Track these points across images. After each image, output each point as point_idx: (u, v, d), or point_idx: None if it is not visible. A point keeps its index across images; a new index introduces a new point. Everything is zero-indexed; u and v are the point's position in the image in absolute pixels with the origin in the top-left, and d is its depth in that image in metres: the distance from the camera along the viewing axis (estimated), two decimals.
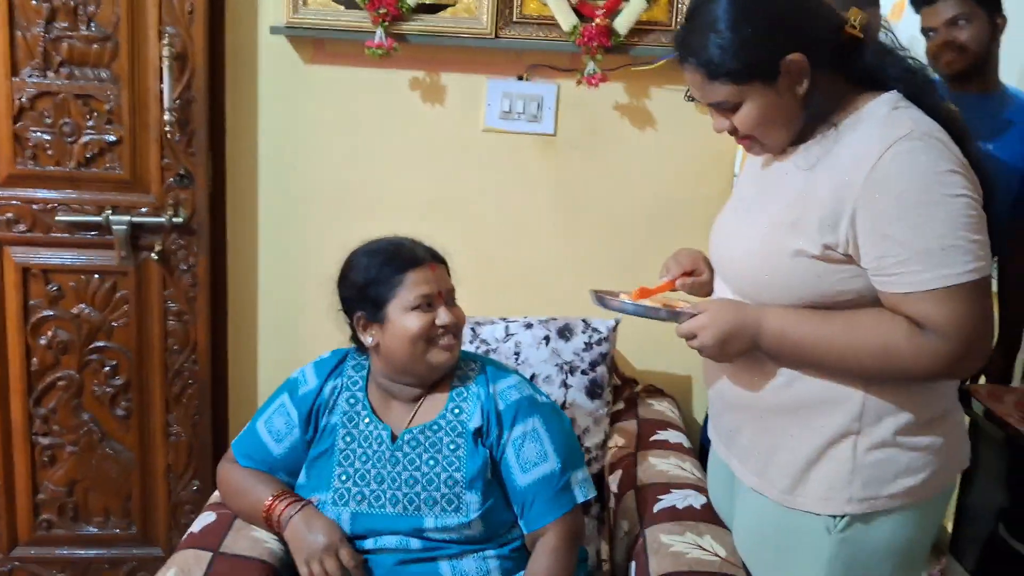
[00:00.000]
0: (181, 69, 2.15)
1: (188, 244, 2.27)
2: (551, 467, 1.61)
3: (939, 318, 1.28)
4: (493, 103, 2.30)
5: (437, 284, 1.62)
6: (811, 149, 1.40)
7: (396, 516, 1.60)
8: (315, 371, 1.74)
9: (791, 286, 1.39)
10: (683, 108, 2.29)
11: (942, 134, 1.31)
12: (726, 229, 1.57)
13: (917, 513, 1.44)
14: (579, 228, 2.37)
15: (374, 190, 2.35)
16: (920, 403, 1.40)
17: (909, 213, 1.27)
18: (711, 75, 1.35)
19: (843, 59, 1.38)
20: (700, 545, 1.62)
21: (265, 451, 1.69)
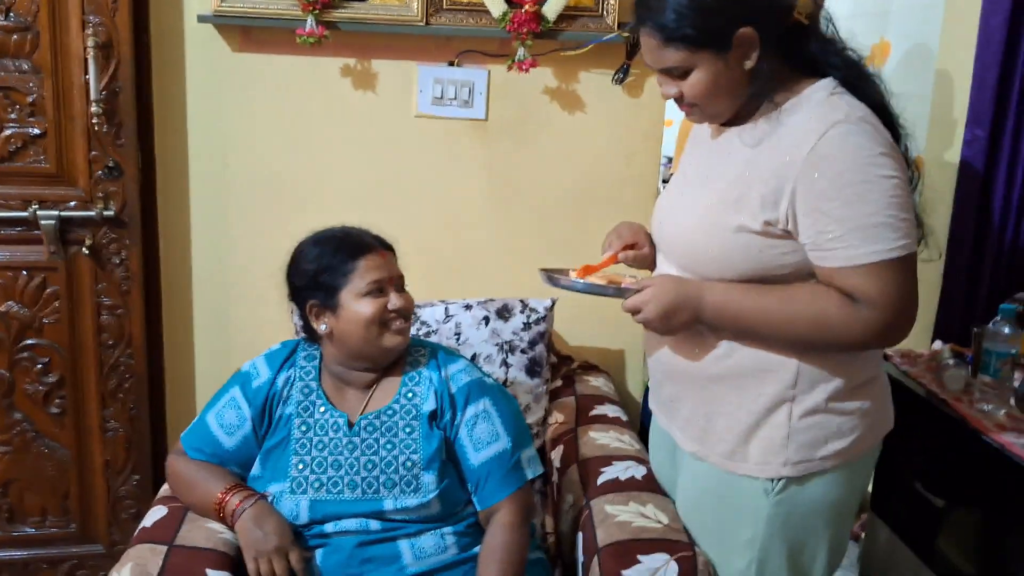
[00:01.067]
0: (106, 59, 2.11)
1: (119, 237, 2.23)
2: (503, 446, 1.67)
3: (870, 290, 1.37)
4: (425, 89, 2.32)
5: (388, 270, 1.66)
6: (755, 127, 1.47)
7: (355, 500, 1.63)
8: (267, 363, 1.75)
9: (733, 260, 1.46)
10: (612, 91, 2.35)
11: (875, 119, 1.40)
12: (670, 206, 1.63)
13: (847, 473, 1.54)
14: (513, 210, 2.42)
15: (307, 178, 2.36)
16: (849, 370, 1.49)
17: (845, 192, 1.35)
18: (667, 39, 1.40)
19: (789, 43, 1.44)
20: (643, 513, 1.69)
21: (216, 444, 1.70)
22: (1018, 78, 2.26)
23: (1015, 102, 2.27)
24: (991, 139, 2.32)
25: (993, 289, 2.37)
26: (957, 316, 2.41)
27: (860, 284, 1.37)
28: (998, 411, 1.95)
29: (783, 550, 1.55)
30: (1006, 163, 2.31)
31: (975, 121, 2.34)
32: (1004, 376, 1.97)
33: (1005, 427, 1.88)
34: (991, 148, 2.32)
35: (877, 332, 1.40)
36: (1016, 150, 2.30)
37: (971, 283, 2.40)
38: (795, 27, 1.44)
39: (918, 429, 2.14)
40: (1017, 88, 2.26)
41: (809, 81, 1.45)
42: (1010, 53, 2.25)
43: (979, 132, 2.33)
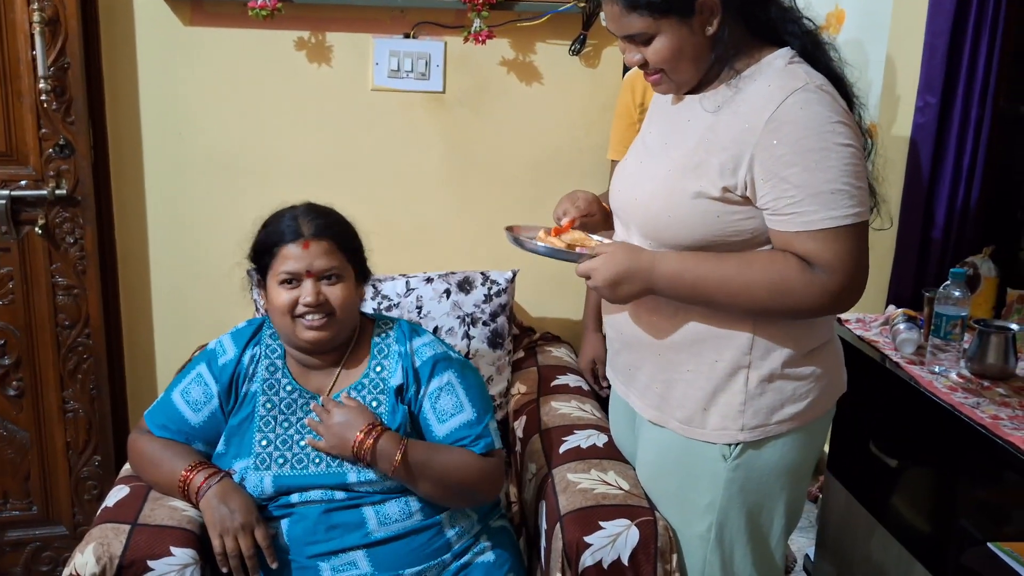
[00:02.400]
0: (53, 35, 2.07)
1: (73, 216, 2.20)
2: (467, 416, 1.69)
3: (827, 255, 1.40)
4: (381, 62, 2.30)
5: (306, 262, 1.62)
6: (715, 93, 1.49)
7: (319, 474, 1.64)
8: (233, 341, 1.75)
9: (691, 225, 1.47)
10: (568, 62, 2.35)
11: (831, 88, 1.43)
12: (629, 174, 1.64)
13: (802, 435, 1.57)
14: (472, 182, 2.42)
15: (264, 154, 2.34)
16: (803, 336, 1.52)
17: (804, 158, 1.38)
18: (630, 5, 1.41)
19: (749, 10, 1.46)
20: (605, 480, 1.71)
21: (182, 420, 1.70)
22: (968, 45, 2.29)
23: (965, 69, 2.31)
24: (942, 106, 2.36)
25: (944, 254, 2.42)
26: (910, 280, 2.46)
27: (817, 249, 1.40)
28: (950, 372, 2.01)
29: (742, 513, 1.59)
30: (957, 129, 2.35)
31: (927, 88, 2.38)
32: (954, 338, 2.02)
33: (956, 388, 1.93)
34: (942, 115, 2.36)
35: (833, 296, 1.43)
36: (967, 117, 2.34)
37: (923, 248, 2.45)
38: None
39: (873, 392, 2.19)
40: (967, 55, 2.30)
41: (769, 49, 1.48)
42: (960, 20, 2.29)
43: (930, 99, 2.37)
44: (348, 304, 1.66)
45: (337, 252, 1.66)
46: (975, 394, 1.90)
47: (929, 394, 1.92)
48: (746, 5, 1.46)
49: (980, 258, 2.32)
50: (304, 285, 1.62)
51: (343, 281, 1.66)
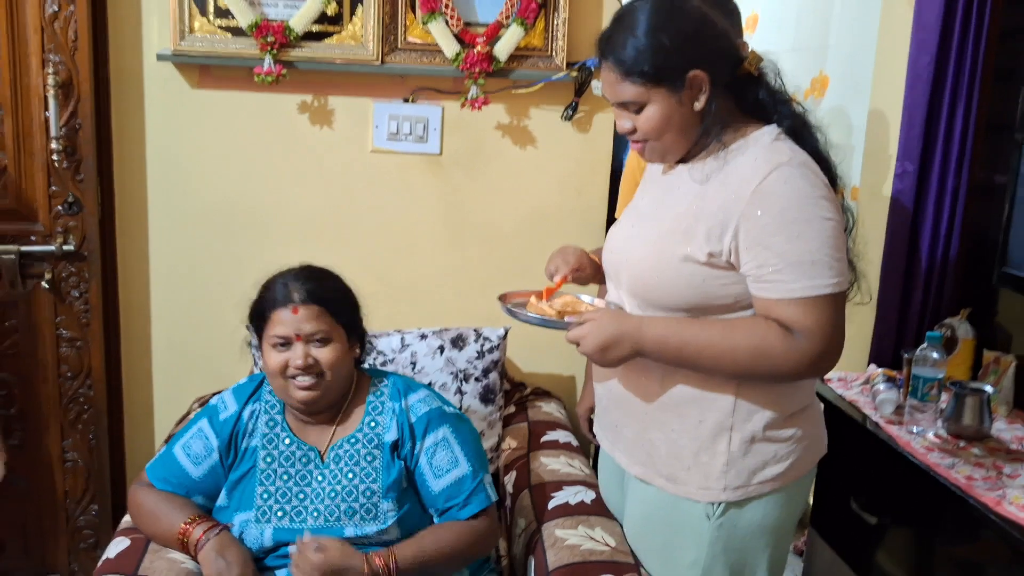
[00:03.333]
0: (66, 97, 2.17)
1: (79, 271, 2.28)
2: (463, 471, 1.74)
3: (807, 321, 1.47)
4: (381, 125, 2.39)
5: (295, 326, 1.68)
6: (704, 165, 1.56)
7: (317, 528, 1.69)
8: (234, 396, 1.81)
9: (678, 288, 1.54)
10: (560, 127, 2.45)
11: (813, 164, 1.51)
12: (622, 237, 1.71)
13: (783, 496, 1.62)
14: (466, 241, 2.50)
15: (265, 212, 2.42)
16: (784, 400, 1.59)
17: (786, 228, 1.45)
18: (625, 73, 1.50)
19: (739, 89, 1.55)
20: (592, 537, 1.76)
21: (183, 474, 1.75)
22: (944, 116, 2.39)
23: (942, 139, 2.40)
24: (920, 173, 2.44)
25: (924, 315, 2.49)
26: (891, 341, 2.52)
27: (797, 315, 1.47)
28: (927, 432, 2.06)
29: (725, 570, 1.63)
30: (934, 196, 2.43)
31: (905, 155, 2.47)
32: (931, 399, 2.08)
33: (932, 448, 1.99)
34: (920, 181, 2.45)
35: (812, 361, 1.49)
36: (943, 184, 2.42)
37: (903, 309, 2.52)
38: (746, 76, 1.55)
39: (853, 450, 2.25)
40: (944, 125, 2.39)
41: (756, 125, 1.56)
42: (937, 92, 2.38)
43: (909, 166, 2.46)
44: (337, 365, 1.71)
45: (326, 316, 1.71)
46: (951, 454, 1.96)
47: (907, 454, 1.97)
48: (735, 84, 1.54)
49: (958, 320, 2.39)
50: (295, 348, 1.68)
51: (332, 343, 1.70)
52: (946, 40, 2.35)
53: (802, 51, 3.36)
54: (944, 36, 2.35)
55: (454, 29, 2.29)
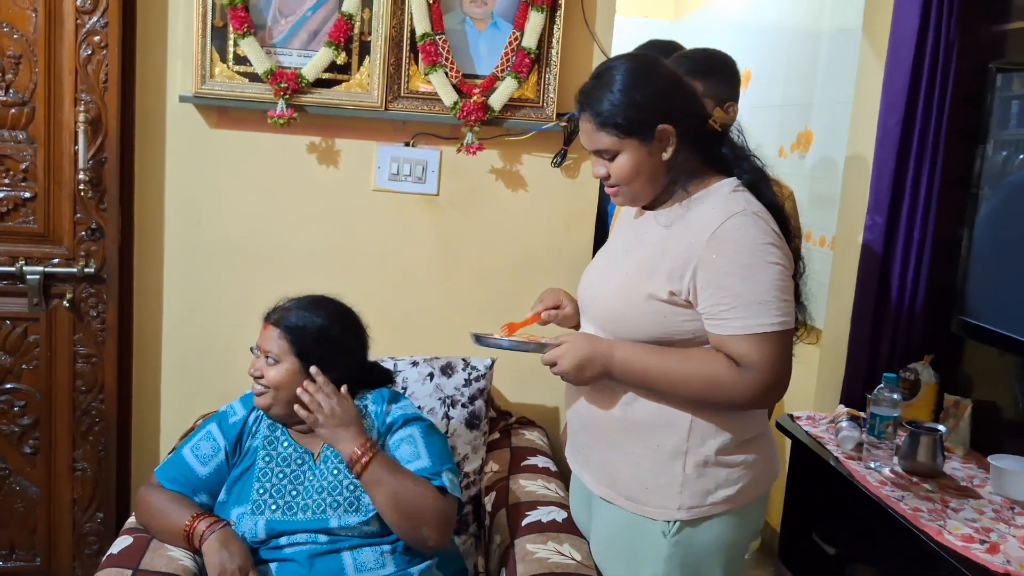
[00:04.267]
0: (95, 132, 2.35)
1: (98, 292, 2.44)
2: (423, 463, 1.88)
3: (753, 356, 1.61)
4: (383, 166, 2.57)
5: (260, 341, 1.92)
6: (669, 211, 1.73)
7: (306, 520, 1.85)
8: (242, 403, 2.00)
9: (642, 323, 1.69)
10: (550, 173, 2.61)
11: (766, 214, 1.67)
12: (595, 274, 1.87)
13: (736, 517, 1.74)
14: (458, 276, 2.65)
15: (272, 244, 2.58)
16: (737, 426, 1.72)
17: (738, 271, 1.61)
18: (600, 124, 1.66)
19: (704, 144, 1.72)
20: (560, 552, 1.89)
21: (191, 473, 1.91)
22: (911, 174, 2.54)
23: (908, 194, 2.55)
24: (888, 225, 2.59)
25: (892, 359, 2.62)
26: (860, 383, 2.65)
27: (746, 350, 1.62)
28: (883, 468, 2.19)
29: None
30: (901, 248, 2.57)
31: (875, 209, 2.62)
32: (888, 437, 2.21)
33: (886, 483, 2.12)
34: (888, 234, 2.59)
35: (758, 392, 1.63)
36: (910, 236, 2.56)
37: (872, 354, 2.65)
38: (711, 132, 1.72)
39: (817, 484, 2.38)
40: (911, 183, 2.54)
41: (718, 177, 1.72)
42: (904, 150, 2.54)
43: (878, 219, 2.61)
44: (281, 384, 1.88)
45: (282, 340, 1.89)
46: (903, 489, 2.08)
47: (862, 487, 2.10)
48: (700, 139, 1.71)
49: (921, 365, 2.53)
50: (258, 359, 1.91)
51: (279, 364, 1.88)
52: (913, 102, 2.51)
53: (790, 107, 3.54)
54: (911, 98, 2.51)
55: (453, 80, 2.47)
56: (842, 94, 3.03)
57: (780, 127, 3.59)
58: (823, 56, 3.30)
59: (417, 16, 2.42)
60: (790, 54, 3.57)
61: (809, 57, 3.39)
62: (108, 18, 2.31)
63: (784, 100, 3.60)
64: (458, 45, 2.48)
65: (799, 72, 3.49)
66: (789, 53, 3.58)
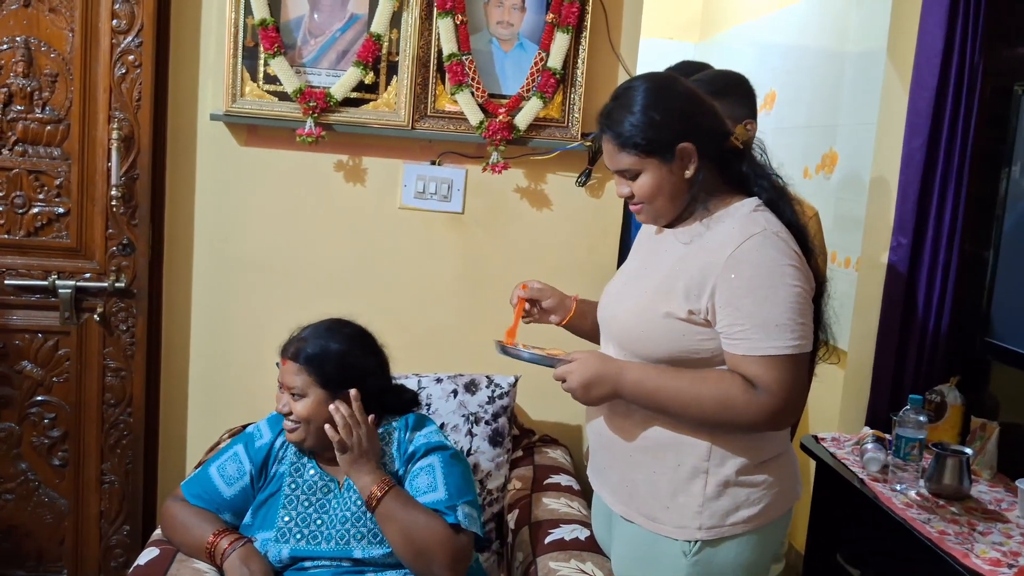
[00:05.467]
0: (127, 149, 2.39)
1: (128, 307, 2.48)
2: (438, 496, 1.86)
3: (767, 378, 1.60)
4: (409, 184, 2.60)
5: (282, 377, 1.89)
6: (689, 229, 1.72)
7: (329, 550, 1.85)
8: (268, 426, 2.00)
9: (659, 341, 1.69)
10: (574, 192, 2.63)
11: (786, 234, 1.66)
12: (614, 292, 1.87)
13: (756, 537, 1.73)
14: (483, 294, 2.67)
15: (299, 260, 2.61)
16: (757, 447, 1.71)
17: (755, 292, 1.60)
18: (621, 145, 1.66)
19: (725, 162, 1.72)
20: (582, 570, 1.89)
21: (216, 492, 1.92)
22: (936, 195, 2.53)
23: (933, 215, 2.54)
24: (913, 246, 2.58)
25: (917, 380, 2.60)
26: (885, 404, 2.63)
27: (759, 372, 1.61)
28: (909, 491, 2.17)
29: None
30: (927, 269, 2.57)
31: (900, 230, 2.62)
32: (913, 459, 2.19)
33: (912, 505, 2.10)
34: (913, 255, 2.59)
35: (770, 415, 1.62)
36: (935, 258, 2.55)
37: (897, 375, 2.63)
38: (732, 150, 1.72)
39: (841, 506, 2.36)
40: (936, 204, 2.53)
41: (739, 196, 1.72)
42: (929, 171, 2.54)
43: (903, 240, 2.61)
44: (310, 417, 1.86)
45: (303, 374, 1.86)
46: (929, 511, 2.06)
47: (887, 509, 2.08)
48: (722, 158, 1.71)
49: (947, 387, 2.51)
50: (283, 395, 1.89)
51: (305, 398, 1.86)
52: (937, 124, 2.51)
53: (815, 128, 3.53)
54: (936, 120, 2.51)
55: (479, 100, 2.50)
56: (867, 115, 3.03)
57: (805, 148, 3.58)
58: (848, 77, 3.30)
59: (444, 37, 2.45)
60: (815, 76, 3.57)
61: (834, 79, 3.39)
62: (142, 38, 2.36)
63: (809, 121, 3.60)
64: (484, 65, 2.52)
65: (824, 93, 3.49)
66: (814, 75, 3.58)
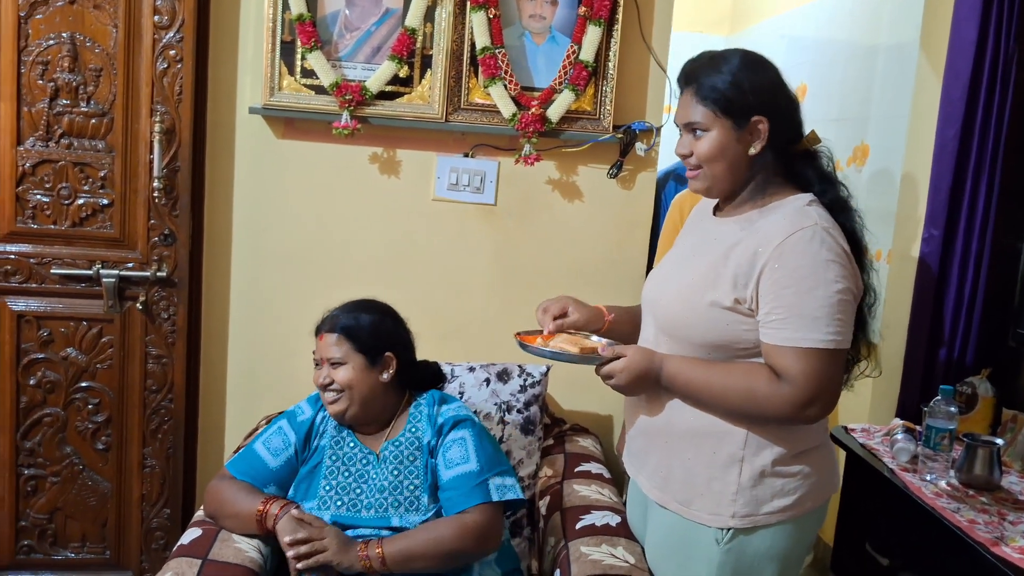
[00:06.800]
0: (169, 142, 2.45)
1: (169, 295, 2.54)
2: (470, 467, 1.94)
3: (794, 370, 1.62)
4: (442, 176, 2.64)
5: (321, 351, 1.99)
6: (743, 217, 1.73)
7: (369, 518, 1.93)
8: (309, 404, 2.08)
9: (703, 329, 1.71)
10: (606, 184, 2.65)
11: (837, 232, 1.66)
12: (661, 276, 1.89)
13: (791, 527, 1.74)
14: (515, 285, 2.70)
15: (335, 250, 2.66)
16: (794, 438, 1.72)
17: (798, 284, 1.61)
18: (701, 98, 1.68)
19: (791, 161, 1.72)
20: (614, 554, 1.92)
21: (262, 465, 2.00)
22: (969, 185, 2.52)
23: (966, 207, 2.54)
24: (945, 239, 2.58)
25: (948, 372, 2.60)
26: (916, 396, 2.63)
27: (789, 363, 1.62)
28: (939, 481, 2.18)
29: None
30: (959, 260, 2.56)
31: (932, 222, 2.61)
32: (943, 449, 2.20)
33: (942, 495, 2.11)
34: (945, 247, 2.58)
35: (794, 408, 1.63)
36: (968, 249, 2.55)
37: (928, 366, 2.63)
38: (802, 152, 1.72)
39: (871, 496, 2.37)
40: (968, 194, 2.53)
41: (796, 191, 1.73)
42: (961, 162, 2.53)
43: (935, 232, 2.60)
44: (352, 383, 1.95)
45: (343, 343, 1.96)
46: (959, 501, 2.07)
47: (917, 498, 2.09)
48: (789, 154, 1.71)
49: (979, 379, 2.50)
50: (322, 369, 1.98)
51: (346, 365, 1.96)
52: (971, 113, 2.50)
53: (846, 121, 3.53)
54: (969, 110, 2.50)
55: (512, 93, 2.53)
56: (899, 108, 3.02)
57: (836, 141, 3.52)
58: (879, 70, 3.29)
59: (477, 31, 2.49)
60: (846, 68, 3.56)
61: (866, 71, 3.38)
62: (183, 33, 2.42)
63: (840, 114, 3.59)
64: (517, 58, 2.55)
65: (855, 86, 3.48)
66: (845, 67, 3.57)
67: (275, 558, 1.97)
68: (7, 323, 2.50)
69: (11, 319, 2.49)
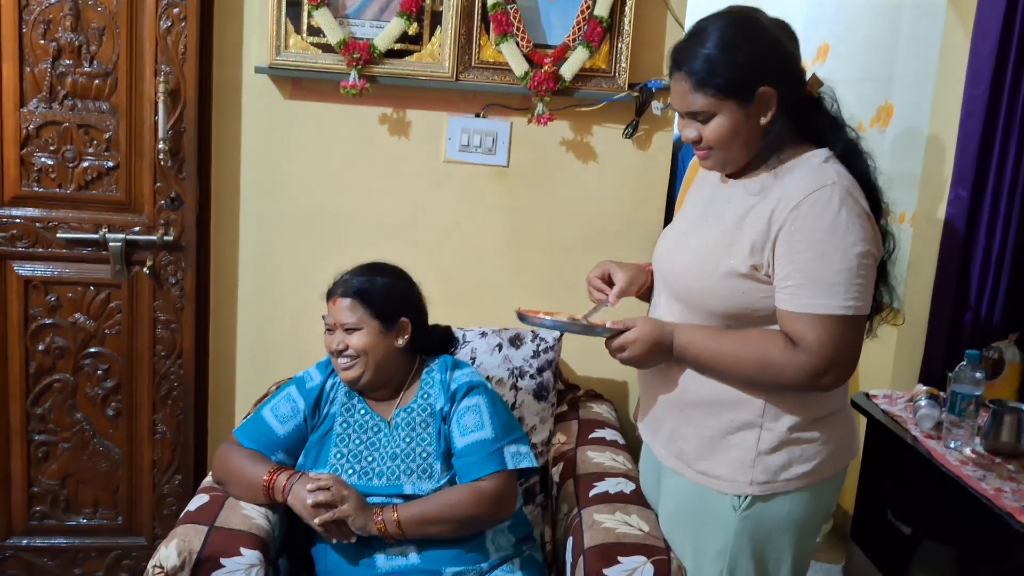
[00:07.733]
0: (174, 103, 2.40)
1: (177, 260, 2.50)
2: (485, 435, 1.92)
3: (809, 337, 1.56)
4: (453, 137, 2.57)
5: (334, 316, 1.95)
6: (759, 179, 1.67)
7: (381, 486, 1.91)
8: (319, 370, 2.05)
9: (719, 297, 1.66)
10: (621, 144, 2.58)
11: (858, 192, 1.59)
12: (673, 242, 1.83)
13: (809, 494, 1.71)
14: (528, 248, 2.65)
15: (345, 213, 2.61)
16: (812, 404, 1.68)
17: (814, 248, 1.55)
18: (698, 84, 1.59)
19: (801, 113, 1.65)
20: (627, 522, 1.89)
21: (270, 432, 1.97)
22: (998, 144, 2.45)
23: (995, 166, 2.47)
24: (973, 199, 2.51)
25: (974, 337, 2.54)
26: (940, 361, 2.58)
27: (803, 330, 1.57)
28: (964, 448, 2.13)
29: (750, 561, 1.73)
30: (986, 222, 2.49)
31: (958, 182, 2.54)
32: (968, 415, 2.15)
33: (967, 462, 2.06)
34: (973, 208, 2.51)
35: (809, 375, 1.58)
36: (996, 210, 2.48)
37: (953, 331, 2.57)
38: (806, 99, 1.66)
39: (893, 463, 2.32)
40: (997, 153, 2.46)
41: (810, 147, 1.66)
42: (990, 121, 2.45)
43: (962, 192, 2.53)
44: (367, 349, 1.93)
45: (358, 308, 1.94)
46: (984, 468, 2.02)
47: (940, 466, 2.04)
48: (799, 108, 1.64)
49: (1006, 344, 2.44)
50: (335, 334, 1.94)
51: (361, 331, 1.93)
52: (1001, 70, 2.42)
53: (869, 81, 3.43)
54: (999, 66, 2.42)
55: (524, 50, 2.45)
56: (924, 66, 2.93)
57: (860, 101, 3.48)
58: (904, 28, 3.19)
59: None
60: (870, 26, 3.46)
61: (890, 29, 3.29)
62: None
63: (864, 74, 3.49)
64: (529, 15, 2.47)
65: (879, 45, 3.38)
66: (869, 25, 3.47)
67: (283, 525, 1.95)
68: (14, 288, 2.46)
69: (18, 284, 2.46)
